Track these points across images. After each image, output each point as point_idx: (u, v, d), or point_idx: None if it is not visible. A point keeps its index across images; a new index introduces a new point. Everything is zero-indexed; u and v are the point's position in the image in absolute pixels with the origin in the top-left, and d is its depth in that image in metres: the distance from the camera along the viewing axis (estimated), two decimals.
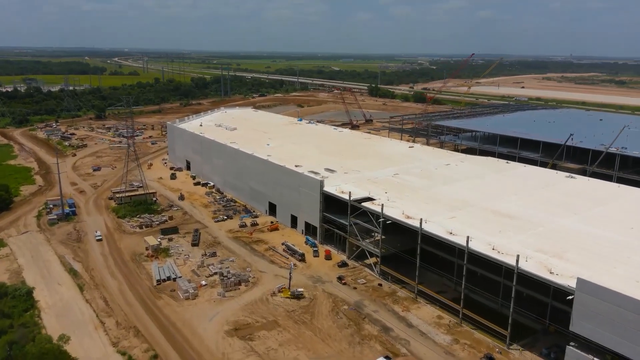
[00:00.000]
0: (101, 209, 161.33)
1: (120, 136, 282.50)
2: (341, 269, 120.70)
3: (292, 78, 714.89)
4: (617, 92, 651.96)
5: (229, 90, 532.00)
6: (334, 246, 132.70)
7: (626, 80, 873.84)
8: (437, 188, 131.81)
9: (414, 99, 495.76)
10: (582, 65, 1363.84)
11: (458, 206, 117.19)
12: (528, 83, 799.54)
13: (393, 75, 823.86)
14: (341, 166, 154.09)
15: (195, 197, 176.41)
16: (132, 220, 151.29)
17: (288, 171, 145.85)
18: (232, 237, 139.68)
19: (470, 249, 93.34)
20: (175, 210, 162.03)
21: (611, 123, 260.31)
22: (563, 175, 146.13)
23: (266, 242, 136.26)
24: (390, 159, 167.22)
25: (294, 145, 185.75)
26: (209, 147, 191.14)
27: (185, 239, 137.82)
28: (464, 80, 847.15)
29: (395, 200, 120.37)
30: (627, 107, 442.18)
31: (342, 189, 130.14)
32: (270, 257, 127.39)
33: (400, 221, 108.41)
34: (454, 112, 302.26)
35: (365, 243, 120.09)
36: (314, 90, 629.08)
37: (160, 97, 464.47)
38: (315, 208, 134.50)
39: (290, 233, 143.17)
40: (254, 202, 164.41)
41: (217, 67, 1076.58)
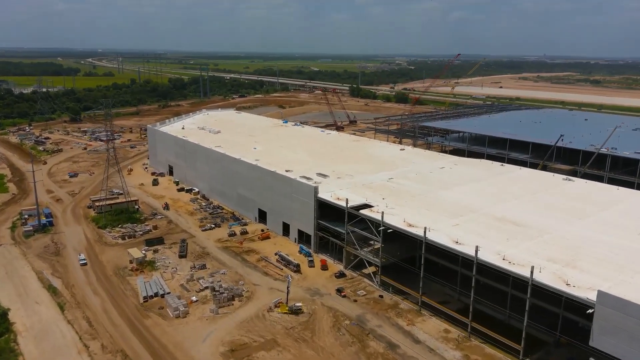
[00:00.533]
0: (80, 219, 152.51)
1: (98, 140, 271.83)
2: (339, 279, 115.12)
3: (272, 78, 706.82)
4: (594, 91, 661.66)
5: (208, 91, 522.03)
6: (329, 255, 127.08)
7: (600, 79, 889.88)
8: (436, 193, 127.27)
9: (396, 100, 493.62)
10: (555, 65, 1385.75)
11: (459, 212, 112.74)
12: (505, 83, 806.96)
13: (373, 76, 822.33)
14: (333, 170, 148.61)
15: (180, 204, 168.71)
16: (113, 230, 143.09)
17: (279, 177, 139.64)
18: (222, 247, 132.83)
19: (480, 259, 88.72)
20: (160, 218, 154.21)
21: (596, 123, 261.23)
22: (560, 177, 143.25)
23: (258, 252, 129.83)
24: (382, 162, 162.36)
25: (282, 149, 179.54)
26: (193, 152, 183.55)
27: (172, 250, 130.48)
28: (443, 81, 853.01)
29: (394, 207, 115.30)
30: (607, 106, 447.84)
31: (337, 195, 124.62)
32: (264, 268, 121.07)
33: (403, 230, 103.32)
34: (440, 113, 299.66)
35: (364, 252, 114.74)
36: (294, 90, 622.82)
37: (138, 98, 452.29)
38: (309, 215, 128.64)
39: (283, 242, 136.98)
40: (243, 209, 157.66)
41: (194, 68, 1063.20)
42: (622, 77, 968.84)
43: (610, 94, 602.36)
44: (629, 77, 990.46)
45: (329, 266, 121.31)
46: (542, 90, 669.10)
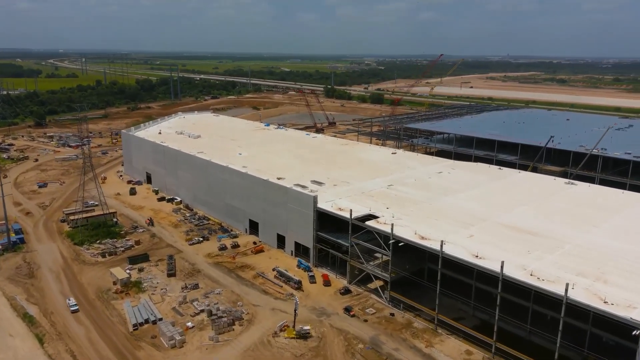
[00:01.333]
0: (53, 235, 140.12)
1: (66, 146, 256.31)
2: (344, 296, 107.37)
3: (244, 79, 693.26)
4: (561, 90, 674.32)
5: (179, 92, 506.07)
6: (330, 269, 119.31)
7: (566, 78, 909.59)
8: (440, 201, 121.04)
9: (371, 101, 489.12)
10: (520, 65, 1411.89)
11: (469, 221, 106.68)
12: (474, 83, 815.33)
13: (344, 76, 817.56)
14: (327, 177, 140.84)
15: (162, 215, 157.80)
16: (91, 247, 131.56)
17: (273, 185, 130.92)
18: (213, 263, 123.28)
19: (506, 275, 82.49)
20: (141, 232, 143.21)
21: (579, 123, 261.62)
22: (562, 181, 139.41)
23: (253, 268, 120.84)
24: (376, 167, 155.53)
25: (269, 154, 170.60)
26: (174, 159, 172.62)
27: (159, 267, 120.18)
28: (414, 81, 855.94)
29: (401, 218, 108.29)
30: (578, 105, 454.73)
31: (338, 205, 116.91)
32: (261, 285, 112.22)
33: (416, 243, 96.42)
34: (422, 114, 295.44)
35: (372, 267, 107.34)
36: (267, 91, 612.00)
37: (105, 100, 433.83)
38: (307, 227, 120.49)
39: (278, 255, 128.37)
40: (231, 219, 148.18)
41: (161, 68, 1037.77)
42: (585, 76, 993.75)
43: (578, 93, 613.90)
44: (591, 76, 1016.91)
45: (332, 281, 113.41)
46: (512, 90, 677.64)
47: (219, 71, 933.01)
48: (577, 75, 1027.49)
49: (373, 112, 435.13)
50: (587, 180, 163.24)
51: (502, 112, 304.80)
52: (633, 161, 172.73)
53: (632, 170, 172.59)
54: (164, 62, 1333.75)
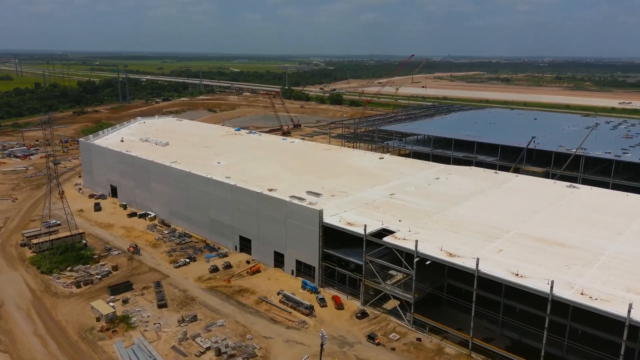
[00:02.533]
0: (14, 262, 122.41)
1: (12, 156, 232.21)
2: (362, 320, 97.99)
3: (194, 80, 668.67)
4: (508, 89, 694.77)
5: (128, 95, 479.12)
6: (338, 289, 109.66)
7: (509, 77, 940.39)
8: (449, 210, 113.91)
9: (330, 101, 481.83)
10: (463, 65, 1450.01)
11: (490, 233, 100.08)
12: (424, 83, 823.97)
13: (296, 77, 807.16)
14: (322, 187, 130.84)
15: (136, 233, 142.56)
16: (62, 275, 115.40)
17: (270, 199, 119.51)
18: (207, 288, 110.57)
19: (556, 296, 75.86)
20: (116, 254, 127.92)
21: (546, 122, 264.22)
22: (563, 185, 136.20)
23: (253, 291, 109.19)
24: (369, 174, 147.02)
25: (251, 163, 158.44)
26: (145, 169, 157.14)
27: (145, 297, 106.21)
28: (366, 81, 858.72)
29: (418, 232, 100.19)
30: (531, 104, 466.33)
31: (346, 219, 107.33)
32: (267, 312, 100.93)
33: (446, 261, 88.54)
34: (391, 116, 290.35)
35: (390, 286, 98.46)
36: (221, 93, 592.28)
37: (47, 105, 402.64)
38: (312, 244, 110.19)
39: (277, 275, 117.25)
40: (217, 236, 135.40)
41: (102, 69, 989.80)
42: (526, 75, 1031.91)
43: (525, 92, 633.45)
44: (531, 74, 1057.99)
45: (344, 303, 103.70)
46: (462, 89, 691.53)
47: (165, 72, 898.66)
48: (517, 74, 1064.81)
49: (334, 114, 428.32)
50: (570, 180, 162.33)
51: (468, 113, 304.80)
52: (615, 160, 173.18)
53: (608, 168, 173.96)
54: (103, 62, 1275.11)
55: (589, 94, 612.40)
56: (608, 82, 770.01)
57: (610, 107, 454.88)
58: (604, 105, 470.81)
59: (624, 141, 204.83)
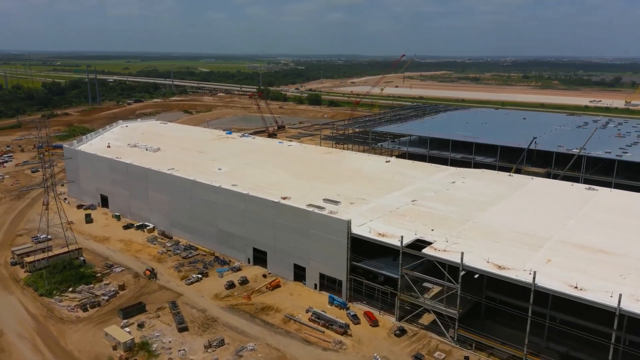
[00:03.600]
0: (7, 283, 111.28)
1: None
2: (402, 339, 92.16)
3: (163, 80, 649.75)
4: (479, 88, 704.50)
5: (98, 96, 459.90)
6: (366, 304, 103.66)
7: (478, 77, 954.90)
8: (479, 217, 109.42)
9: (309, 102, 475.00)
10: (429, 64, 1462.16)
11: (531, 242, 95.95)
12: (396, 82, 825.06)
13: (268, 76, 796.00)
14: (337, 194, 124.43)
15: (137, 247, 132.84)
16: (64, 297, 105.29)
17: (290, 209, 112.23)
18: (227, 307, 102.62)
19: (625, 310, 71.93)
20: (119, 272, 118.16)
21: (536, 122, 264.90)
22: (582, 187, 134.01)
23: (277, 309, 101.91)
24: (380, 179, 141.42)
25: (252, 169, 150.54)
26: (142, 178, 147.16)
27: (162, 319, 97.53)
28: (339, 80, 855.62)
29: (456, 241, 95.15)
30: (508, 103, 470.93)
31: (377, 229, 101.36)
32: (298, 332, 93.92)
33: (497, 275, 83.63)
34: (380, 116, 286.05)
35: (433, 302, 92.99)
36: (194, 93, 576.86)
37: (14, 108, 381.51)
38: (338, 256, 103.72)
39: (299, 290, 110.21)
40: (227, 248, 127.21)
41: (65, 70, 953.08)
42: (492, 74, 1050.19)
43: (496, 91, 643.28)
44: (497, 73, 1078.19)
45: (378, 320, 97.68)
46: (436, 89, 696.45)
47: (132, 72, 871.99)
48: (484, 73, 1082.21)
49: (314, 114, 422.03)
50: (572, 180, 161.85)
51: (456, 113, 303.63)
52: (617, 160, 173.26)
53: (606, 168, 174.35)
54: (65, 62, 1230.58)
55: (559, 93, 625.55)
56: (574, 81, 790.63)
57: (584, 105, 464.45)
58: (577, 103, 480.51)
59: (619, 140, 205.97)
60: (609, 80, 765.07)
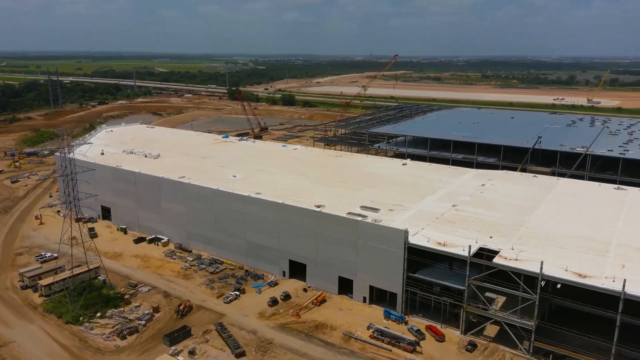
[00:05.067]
0: (24, 311, 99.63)
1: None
2: (474, 354, 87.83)
3: (127, 81, 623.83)
4: (445, 88, 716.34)
5: (60, 99, 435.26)
6: (422, 316, 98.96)
7: (440, 77, 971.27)
8: (529, 222, 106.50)
9: (283, 102, 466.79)
10: (386, 64, 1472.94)
11: (593, 247, 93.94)
12: (362, 82, 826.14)
13: (232, 77, 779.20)
14: (371, 200, 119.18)
15: (155, 262, 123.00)
16: (95, 324, 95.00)
17: (334, 218, 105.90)
18: (278, 327, 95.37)
19: None
20: (147, 292, 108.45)
21: (525, 121, 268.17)
22: (611, 187, 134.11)
23: (332, 327, 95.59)
24: (405, 183, 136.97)
25: (268, 175, 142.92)
26: (154, 187, 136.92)
27: (212, 343, 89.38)
28: (304, 80, 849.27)
29: (523, 249, 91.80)
30: (480, 102, 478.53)
31: (434, 238, 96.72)
32: (363, 352, 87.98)
33: (581, 284, 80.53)
34: (370, 117, 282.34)
35: (506, 314, 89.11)
36: (158, 94, 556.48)
37: None
38: (393, 268, 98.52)
39: (347, 304, 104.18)
40: (257, 260, 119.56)
41: (14, 71, 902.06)
42: (451, 74, 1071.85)
43: (462, 90, 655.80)
44: (454, 73, 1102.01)
45: (437, 333, 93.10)
46: (404, 88, 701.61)
47: (86, 72, 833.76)
48: (442, 73, 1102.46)
49: (291, 115, 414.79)
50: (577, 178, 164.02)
51: (444, 113, 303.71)
52: (622, 158, 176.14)
53: (607, 166, 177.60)
54: (11, 63, 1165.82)
55: (520, 92, 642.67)
56: (532, 80, 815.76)
57: (551, 103, 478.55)
58: (542, 101, 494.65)
59: (614, 138, 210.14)
60: (565, 78, 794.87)
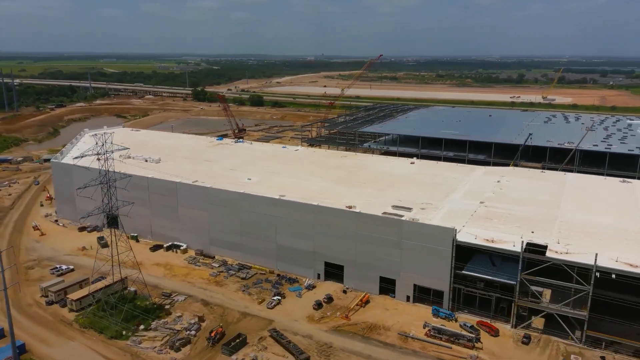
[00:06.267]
0: (60, 328, 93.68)
1: None
2: (531, 346, 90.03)
3: (83, 83, 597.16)
4: (405, 87, 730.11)
5: (16, 102, 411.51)
6: (468, 312, 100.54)
7: (396, 76, 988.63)
8: (562, 216, 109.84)
9: (251, 103, 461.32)
10: (339, 64, 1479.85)
11: (630, 237, 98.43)
12: (322, 82, 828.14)
13: (189, 77, 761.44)
14: (399, 200, 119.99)
15: (181, 270, 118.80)
16: (142, 337, 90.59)
17: (376, 219, 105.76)
18: (331, 330, 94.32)
19: None
20: (183, 300, 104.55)
21: (503, 119, 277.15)
22: (616, 180, 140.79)
23: (384, 327, 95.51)
24: (424, 182, 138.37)
25: (284, 177, 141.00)
26: (169, 193, 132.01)
27: (271, 350, 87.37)
28: (264, 80, 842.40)
29: (569, 243, 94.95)
30: (445, 101, 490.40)
31: (481, 235, 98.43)
32: (425, 351, 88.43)
33: (636, 274, 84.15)
34: (353, 117, 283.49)
35: (559, 306, 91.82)
36: (115, 96, 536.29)
37: None
38: (440, 266, 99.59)
39: (391, 303, 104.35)
40: (288, 264, 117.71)
41: None
42: (404, 74, 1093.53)
43: (421, 89, 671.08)
44: (408, 72, 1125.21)
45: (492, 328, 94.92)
46: (365, 88, 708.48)
47: (33, 74, 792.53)
48: (397, 72, 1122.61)
49: (262, 116, 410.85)
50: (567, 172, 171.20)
51: (424, 111, 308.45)
52: (609, 153, 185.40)
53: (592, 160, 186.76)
54: None
55: (476, 90, 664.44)
56: (484, 79, 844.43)
57: (510, 101, 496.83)
58: (501, 100, 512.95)
59: (592, 134, 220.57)
60: (515, 77, 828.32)
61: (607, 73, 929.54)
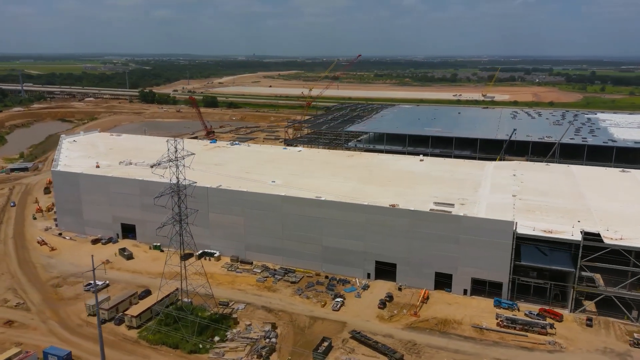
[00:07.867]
0: (128, 347, 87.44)
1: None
2: (594, 329, 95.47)
3: (12, 86, 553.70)
4: (349, 87, 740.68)
5: None
6: (524, 301, 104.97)
7: (338, 76, 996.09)
8: (593, 206, 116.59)
9: (205, 104, 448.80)
10: (272, 64, 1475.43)
11: None
12: (265, 82, 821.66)
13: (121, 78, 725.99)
14: (434, 197, 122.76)
15: (222, 278, 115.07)
16: (223, 350, 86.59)
17: (433, 216, 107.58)
18: (407, 328, 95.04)
19: None
20: (243, 308, 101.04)
21: (472, 116, 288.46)
22: (616, 170, 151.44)
23: (455, 321, 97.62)
24: (444, 179, 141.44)
25: (307, 179, 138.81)
26: (199, 198, 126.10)
27: (360, 351, 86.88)
28: (206, 81, 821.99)
29: (617, 230, 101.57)
30: (398, 100, 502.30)
31: (538, 227, 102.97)
32: (504, 341, 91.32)
33: None
34: (329, 116, 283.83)
35: (617, 289, 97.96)
36: (54, 99, 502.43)
37: None
38: (499, 258, 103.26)
39: (450, 298, 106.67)
40: (335, 265, 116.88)
41: None
42: (341, 73, 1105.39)
43: (365, 88, 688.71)
44: (345, 72, 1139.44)
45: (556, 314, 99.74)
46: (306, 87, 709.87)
47: None
48: (334, 72, 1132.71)
49: (221, 117, 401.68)
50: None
51: (395, 110, 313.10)
52: (588, 145, 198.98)
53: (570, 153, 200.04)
54: None
55: (417, 89, 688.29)
56: (421, 78, 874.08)
57: (455, 99, 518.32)
58: (445, 98, 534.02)
59: (559, 128, 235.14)
60: (449, 76, 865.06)
61: (530, 71, 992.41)
